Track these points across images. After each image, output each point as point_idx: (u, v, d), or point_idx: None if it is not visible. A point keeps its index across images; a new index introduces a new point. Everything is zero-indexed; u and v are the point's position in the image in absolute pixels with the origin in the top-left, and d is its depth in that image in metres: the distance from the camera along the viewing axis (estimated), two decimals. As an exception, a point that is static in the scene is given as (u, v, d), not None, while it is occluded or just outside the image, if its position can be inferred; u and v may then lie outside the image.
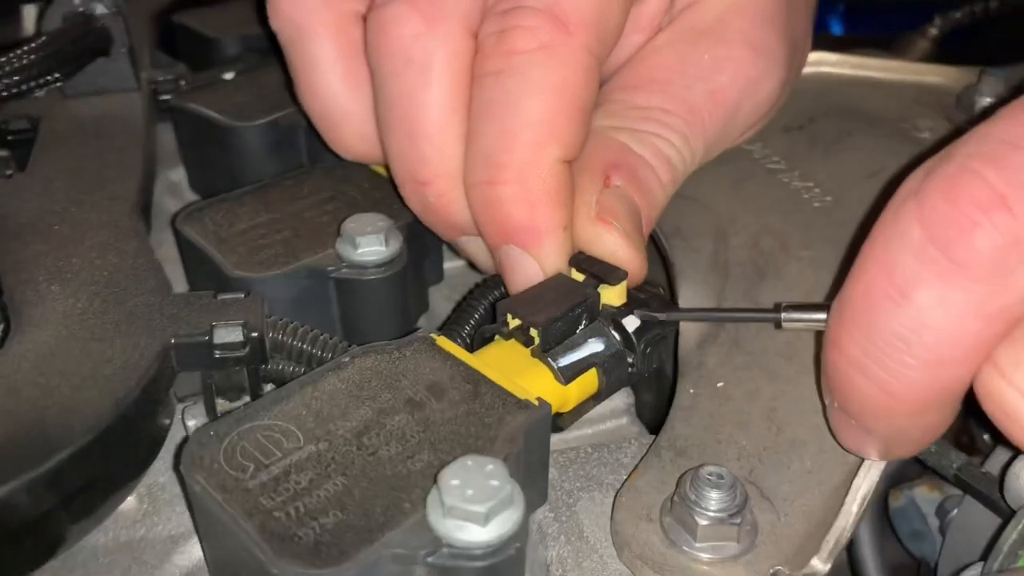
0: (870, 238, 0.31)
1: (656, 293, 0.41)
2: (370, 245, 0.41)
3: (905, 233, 0.29)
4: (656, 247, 0.49)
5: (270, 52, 0.64)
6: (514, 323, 0.37)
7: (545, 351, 0.36)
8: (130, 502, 0.37)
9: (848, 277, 0.32)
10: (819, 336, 0.38)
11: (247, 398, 0.38)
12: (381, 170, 0.49)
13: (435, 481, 0.29)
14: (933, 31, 0.79)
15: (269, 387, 0.40)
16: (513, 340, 0.37)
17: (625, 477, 0.40)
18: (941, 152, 0.30)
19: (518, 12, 0.38)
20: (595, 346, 0.37)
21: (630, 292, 0.39)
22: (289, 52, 0.46)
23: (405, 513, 0.30)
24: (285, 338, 0.39)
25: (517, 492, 0.29)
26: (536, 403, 0.34)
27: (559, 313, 0.36)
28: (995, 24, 0.79)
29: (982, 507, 0.40)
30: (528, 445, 0.33)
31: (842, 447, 0.37)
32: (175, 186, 0.58)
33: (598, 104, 0.44)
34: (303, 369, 0.39)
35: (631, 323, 0.38)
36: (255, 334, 0.37)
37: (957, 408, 0.34)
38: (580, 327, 0.37)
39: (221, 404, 0.38)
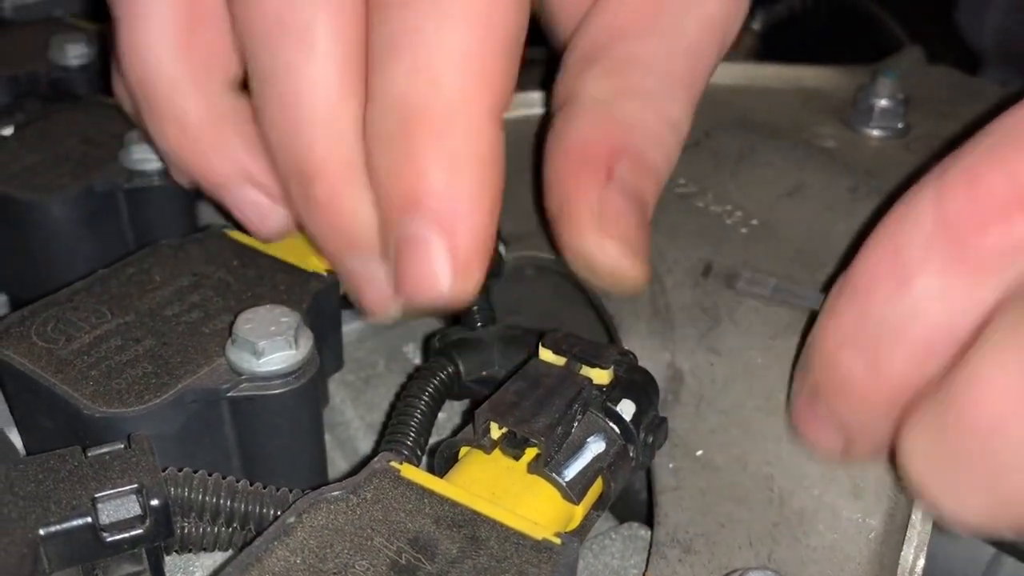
0: (883, 222, 0.29)
1: (631, 362, 0.34)
2: (277, 350, 0.32)
3: (919, 218, 0.27)
4: (588, 302, 0.43)
5: (51, 96, 0.52)
6: (497, 432, 0.30)
7: (547, 464, 0.29)
8: None
9: (856, 258, 0.30)
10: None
11: (147, 583, 0.29)
12: (245, 238, 0.40)
13: None
14: (755, 27, 0.79)
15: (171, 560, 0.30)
16: (497, 452, 0.30)
17: (624, 587, 0.34)
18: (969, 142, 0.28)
19: None
20: (596, 446, 0.30)
21: None
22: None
23: None
24: (192, 494, 0.29)
25: None
26: (558, 541, 0.27)
27: (558, 415, 0.29)
28: (812, 17, 0.79)
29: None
30: (563, 602, 0.26)
31: (800, 438, 0.33)
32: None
33: (589, 59, 0.37)
34: (218, 528, 0.30)
35: (627, 409, 0.31)
36: (156, 501, 0.27)
37: None
38: (575, 425, 0.31)
39: (110, 598, 0.28)
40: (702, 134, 0.50)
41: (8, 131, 0.47)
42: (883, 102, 0.49)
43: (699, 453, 0.37)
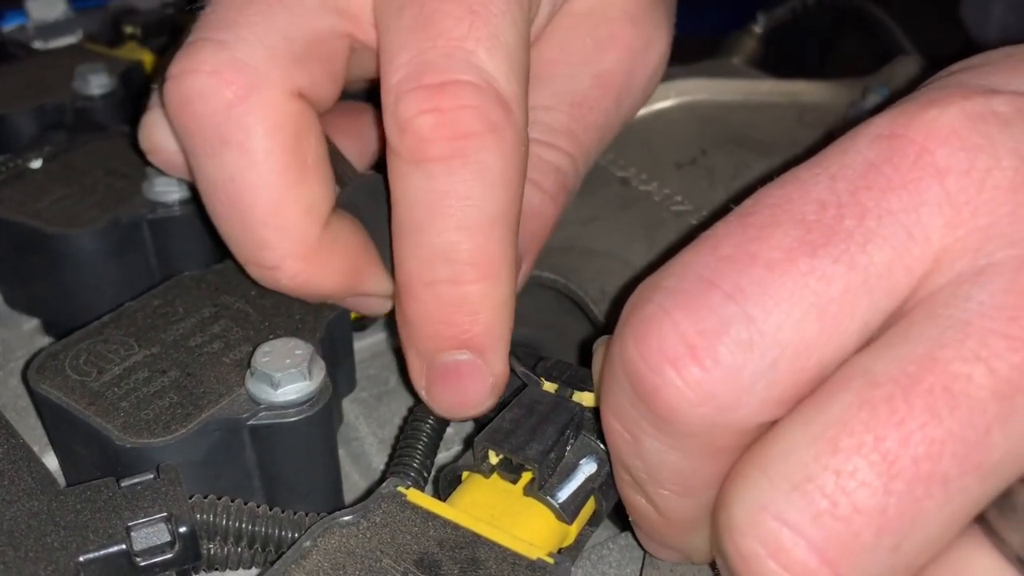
0: (603, 370, 0.29)
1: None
2: (292, 382, 0.35)
3: (618, 382, 0.27)
4: (587, 317, 0.45)
5: (76, 126, 0.55)
6: (495, 458, 0.32)
7: (541, 487, 0.32)
8: None
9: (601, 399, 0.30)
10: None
11: (175, 600, 0.31)
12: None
13: None
14: (757, 30, 0.80)
15: (199, 578, 0.33)
16: (495, 477, 0.32)
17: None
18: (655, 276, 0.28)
19: (457, 89, 0.33)
20: (588, 467, 0.33)
21: None
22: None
23: None
24: (216, 519, 0.32)
25: None
26: (551, 561, 0.29)
27: (551, 441, 0.32)
28: (815, 20, 0.81)
29: None
30: (555, 619, 0.28)
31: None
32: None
33: None
34: (240, 550, 0.32)
35: (616, 433, 0.33)
36: (184, 528, 0.30)
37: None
38: (567, 449, 0.33)
39: (143, 615, 0.31)
40: (698, 152, 0.52)
41: (37, 163, 0.49)
42: (873, 118, 0.50)
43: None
